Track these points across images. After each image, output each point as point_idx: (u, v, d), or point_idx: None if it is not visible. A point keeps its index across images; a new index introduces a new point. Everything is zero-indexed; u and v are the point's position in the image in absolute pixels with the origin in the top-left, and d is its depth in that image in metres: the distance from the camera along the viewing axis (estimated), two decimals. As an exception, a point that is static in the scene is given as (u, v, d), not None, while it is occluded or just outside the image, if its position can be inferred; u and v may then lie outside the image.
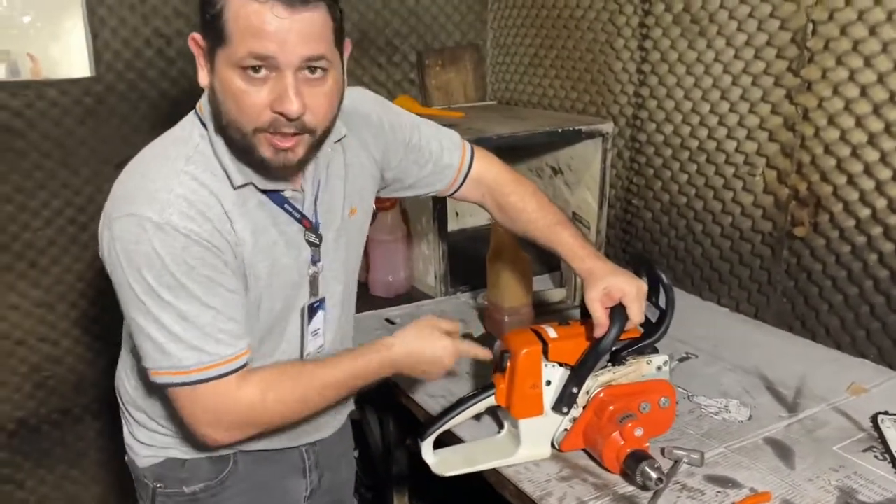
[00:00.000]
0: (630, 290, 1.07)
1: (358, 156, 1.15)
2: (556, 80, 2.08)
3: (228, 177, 0.98)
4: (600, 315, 1.07)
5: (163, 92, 1.90)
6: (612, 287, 1.08)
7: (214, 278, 0.95)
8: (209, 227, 0.94)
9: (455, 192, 1.30)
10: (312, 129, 0.94)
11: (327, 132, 0.98)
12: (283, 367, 1.03)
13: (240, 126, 0.92)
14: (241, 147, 0.95)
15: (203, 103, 1.00)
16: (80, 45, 1.82)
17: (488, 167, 1.29)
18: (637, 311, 1.07)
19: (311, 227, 1.06)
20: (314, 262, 1.08)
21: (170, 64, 1.89)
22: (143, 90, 1.88)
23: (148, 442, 1.13)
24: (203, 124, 0.99)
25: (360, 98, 1.18)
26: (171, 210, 0.92)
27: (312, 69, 0.90)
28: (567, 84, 2.05)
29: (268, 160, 0.94)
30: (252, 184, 0.99)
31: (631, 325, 1.08)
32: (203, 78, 0.96)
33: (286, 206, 1.03)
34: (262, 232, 1.01)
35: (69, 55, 1.83)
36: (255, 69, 0.88)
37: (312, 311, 1.10)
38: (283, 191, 1.03)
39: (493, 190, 1.28)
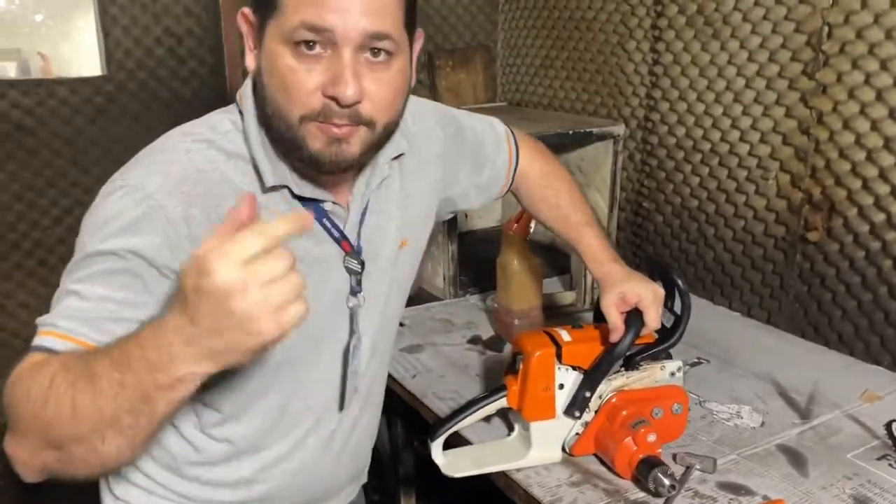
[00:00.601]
0: (647, 295, 1.06)
1: (417, 181, 1.02)
2: (566, 81, 2.07)
3: (259, 174, 0.84)
4: (615, 320, 1.06)
5: (174, 91, 1.90)
6: (629, 292, 1.07)
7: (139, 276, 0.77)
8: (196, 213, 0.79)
9: (504, 194, 1.21)
10: (370, 121, 0.80)
11: (388, 132, 0.85)
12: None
13: (286, 114, 0.79)
14: (288, 143, 0.81)
15: (245, 92, 0.87)
16: (91, 43, 1.82)
17: (531, 163, 1.20)
18: (654, 317, 1.06)
19: (351, 250, 0.92)
20: (354, 293, 0.93)
21: (181, 63, 1.89)
22: (153, 89, 1.88)
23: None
24: (241, 114, 0.87)
25: (419, 112, 1.04)
26: (157, 179, 0.79)
27: (375, 51, 0.78)
28: (578, 86, 2.04)
29: (317, 154, 0.80)
30: (287, 188, 0.86)
31: (647, 330, 1.07)
32: (250, 61, 0.84)
33: (325, 220, 0.89)
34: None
35: (80, 54, 1.83)
36: (309, 45, 0.76)
37: (352, 353, 0.95)
38: (323, 202, 0.89)
39: (530, 182, 1.21)
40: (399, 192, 0.99)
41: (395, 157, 0.96)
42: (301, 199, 0.87)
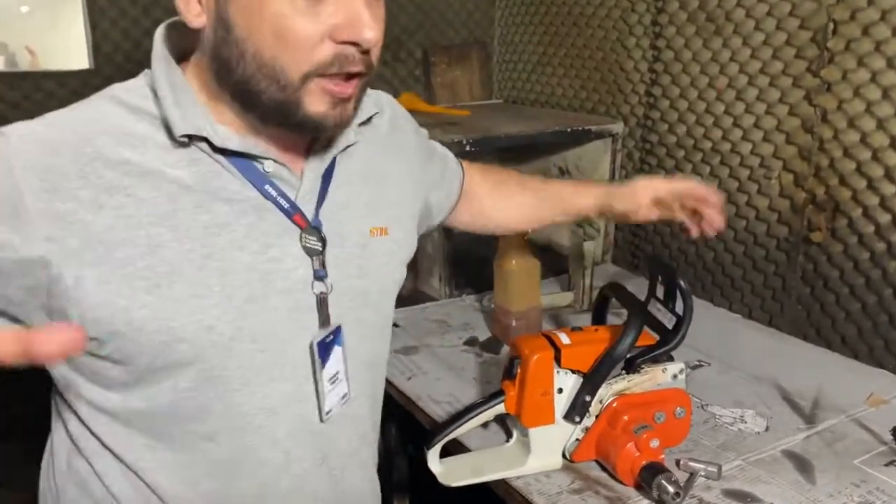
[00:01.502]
0: (656, 183, 1.06)
1: (395, 164, 0.89)
2: (564, 78, 2.04)
3: (167, 125, 0.68)
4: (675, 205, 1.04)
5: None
6: (659, 192, 1.05)
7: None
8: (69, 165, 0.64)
9: (454, 208, 1.10)
10: (372, 68, 0.69)
11: (370, 82, 0.74)
12: None
13: (282, 70, 0.65)
14: (273, 109, 0.68)
15: (155, 37, 0.71)
16: (79, 36, 1.78)
17: (481, 169, 1.15)
18: (713, 198, 1.03)
19: (307, 225, 0.75)
20: (320, 277, 0.76)
21: (171, 57, 1.85)
22: (142, 83, 1.84)
23: None
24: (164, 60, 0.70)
25: (391, 101, 0.94)
26: (24, 127, 0.66)
27: None
28: (576, 83, 2.00)
29: (320, 118, 0.68)
30: (206, 140, 0.68)
31: (719, 224, 1.04)
32: (194, 10, 0.67)
33: (267, 187, 0.72)
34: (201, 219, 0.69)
35: (68, 46, 1.79)
36: None
37: (325, 348, 0.77)
38: (261, 159, 0.72)
39: (486, 185, 1.13)
40: (368, 167, 0.84)
41: (363, 123, 0.82)
42: (226, 153, 0.70)
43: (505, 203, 1.16)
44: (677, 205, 1.07)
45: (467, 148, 1.66)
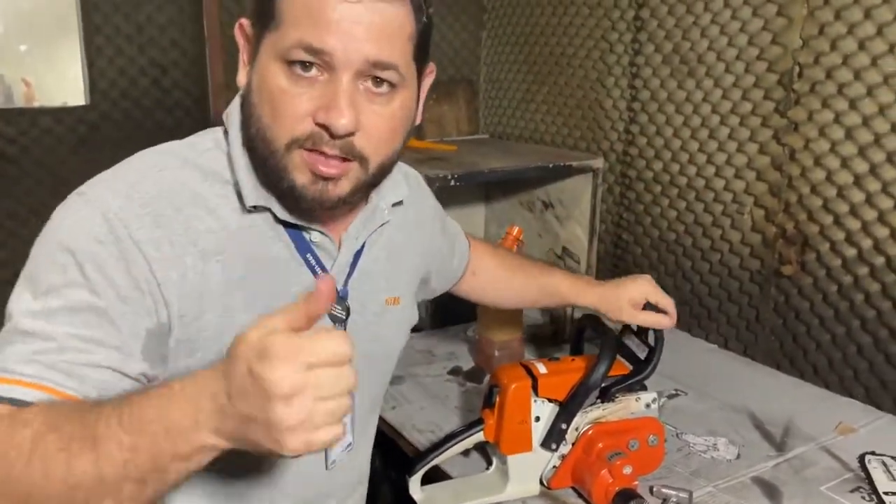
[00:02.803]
0: (648, 290, 1.13)
1: (411, 240, 0.97)
2: (547, 115, 2.11)
3: (239, 195, 0.76)
4: (651, 317, 1.13)
5: (158, 122, 1.91)
6: (635, 297, 1.13)
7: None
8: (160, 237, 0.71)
9: (459, 281, 1.19)
10: (363, 157, 0.73)
11: (382, 171, 0.77)
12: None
13: (273, 139, 0.71)
14: (271, 170, 0.73)
15: (232, 109, 0.80)
16: (75, 73, 1.83)
17: (487, 249, 1.24)
18: (667, 304, 1.13)
19: (336, 296, 0.81)
20: None
21: (165, 94, 1.90)
22: (138, 119, 1.89)
23: None
24: (226, 133, 0.79)
25: (415, 175, 1.02)
26: (121, 199, 0.71)
27: (378, 81, 0.71)
28: (558, 120, 2.07)
29: (300, 189, 0.73)
30: (269, 210, 0.77)
31: (670, 321, 1.13)
32: (241, 76, 0.76)
33: (308, 255, 0.80)
34: (257, 275, 0.77)
35: (64, 83, 1.84)
36: (305, 66, 0.69)
37: None
38: (309, 230, 0.80)
39: (491, 263, 1.22)
40: (392, 242, 0.92)
41: (396, 204, 0.89)
42: (286, 224, 0.79)
43: (508, 287, 1.24)
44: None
45: (452, 183, 1.72)
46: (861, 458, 1.19)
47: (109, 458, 0.56)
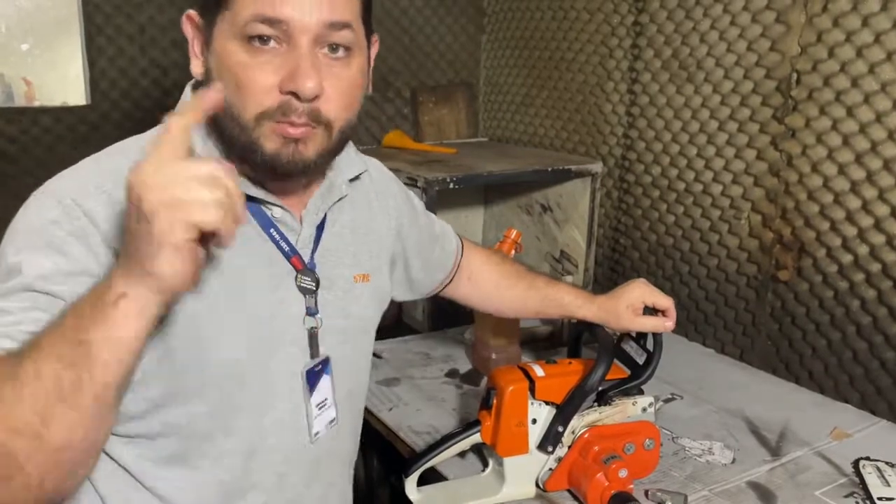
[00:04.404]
0: (646, 294, 1.16)
1: (376, 221, 0.99)
2: (546, 119, 2.12)
3: None
4: (650, 321, 1.16)
5: (157, 121, 1.92)
6: (633, 304, 1.16)
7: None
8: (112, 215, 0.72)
9: (448, 283, 1.20)
10: (328, 122, 0.76)
11: (344, 136, 0.80)
12: None
13: (240, 114, 0.74)
14: (243, 146, 0.76)
15: (183, 98, 0.83)
16: (77, 73, 1.83)
17: (488, 255, 1.25)
18: (665, 303, 1.17)
19: (303, 267, 0.86)
20: (311, 313, 0.87)
21: (166, 94, 1.91)
22: (138, 119, 1.89)
23: None
24: None
25: (380, 167, 1.06)
26: (71, 183, 0.75)
27: (334, 47, 0.75)
28: (557, 124, 2.08)
29: (273, 155, 0.75)
30: None
31: (671, 321, 1.16)
32: (196, 66, 0.79)
33: (272, 231, 0.83)
34: (227, 258, 0.79)
35: (65, 83, 1.84)
36: (263, 39, 0.72)
37: (314, 376, 0.88)
38: (271, 205, 0.83)
39: (490, 270, 1.23)
40: (355, 221, 0.95)
41: (353, 179, 0.93)
42: (248, 200, 0.78)
43: (511, 295, 1.24)
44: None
45: (451, 186, 1.72)
46: (855, 464, 1.20)
47: (39, 350, 0.58)
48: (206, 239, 0.58)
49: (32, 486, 0.58)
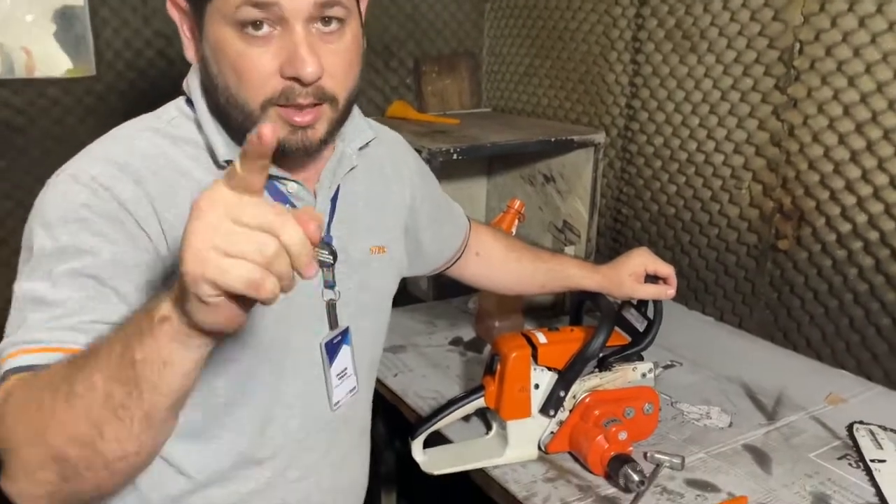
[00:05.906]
0: (648, 262, 1.20)
1: (389, 190, 0.99)
2: (549, 89, 2.12)
3: (212, 152, 0.79)
4: (652, 289, 1.20)
5: (164, 92, 1.89)
6: (635, 271, 1.20)
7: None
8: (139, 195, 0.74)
9: (457, 260, 1.20)
10: (333, 97, 0.76)
11: (349, 104, 0.80)
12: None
13: (245, 103, 0.74)
14: (248, 132, 0.78)
15: (190, 79, 0.83)
16: (83, 44, 1.84)
17: (495, 233, 1.27)
18: (666, 271, 1.22)
19: (320, 241, 0.84)
20: (329, 286, 0.88)
21: (170, 64, 1.91)
22: (143, 90, 1.90)
23: None
24: (188, 101, 0.83)
25: (394, 136, 1.05)
26: (100, 165, 0.75)
27: (326, 20, 0.73)
28: (561, 94, 2.08)
29: (283, 143, 0.75)
30: None
31: (672, 288, 1.21)
32: (190, 51, 0.79)
33: (287, 206, 0.80)
34: None
35: (69, 53, 1.84)
36: (256, 25, 0.71)
37: (333, 347, 0.89)
38: (285, 180, 0.82)
39: (498, 246, 1.25)
40: (370, 192, 0.95)
41: (363, 147, 0.92)
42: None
43: (518, 271, 1.26)
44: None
45: (454, 156, 1.74)
46: (850, 427, 1.23)
47: (97, 365, 0.58)
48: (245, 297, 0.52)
49: (88, 491, 0.62)
